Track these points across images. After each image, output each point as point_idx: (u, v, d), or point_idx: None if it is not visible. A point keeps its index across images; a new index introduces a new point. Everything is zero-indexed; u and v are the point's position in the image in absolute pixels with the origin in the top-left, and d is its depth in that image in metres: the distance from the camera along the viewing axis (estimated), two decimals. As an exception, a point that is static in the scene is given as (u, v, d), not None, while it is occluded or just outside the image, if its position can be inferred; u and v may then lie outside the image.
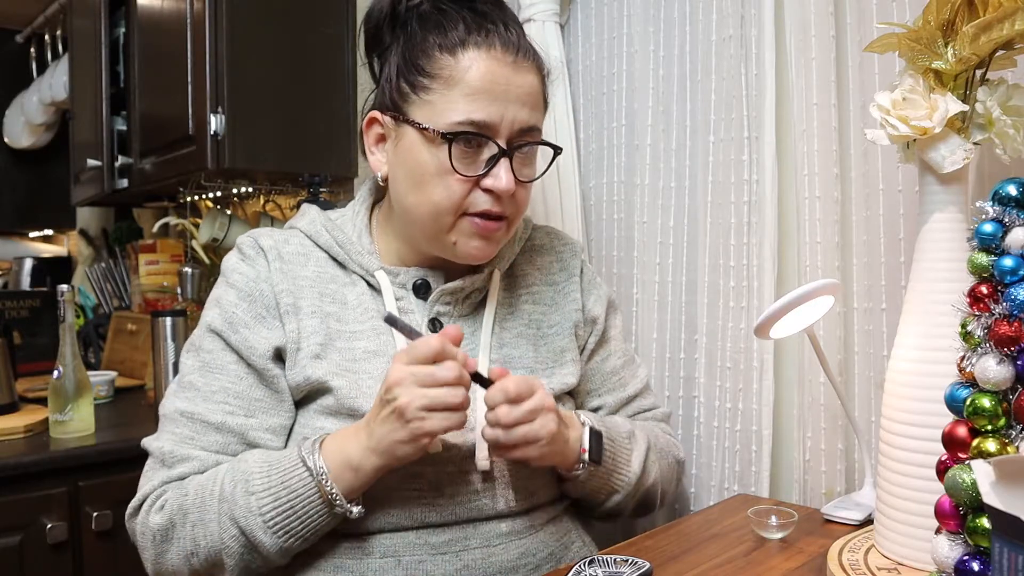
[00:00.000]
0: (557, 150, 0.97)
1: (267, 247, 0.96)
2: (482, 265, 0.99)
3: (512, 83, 0.89)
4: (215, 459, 0.89)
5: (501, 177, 0.88)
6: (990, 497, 0.56)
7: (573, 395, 1.07)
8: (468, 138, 0.87)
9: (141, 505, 0.91)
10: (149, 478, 0.91)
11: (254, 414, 0.91)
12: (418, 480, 0.89)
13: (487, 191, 0.89)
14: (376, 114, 0.96)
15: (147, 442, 0.93)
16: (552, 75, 0.98)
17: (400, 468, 0.87)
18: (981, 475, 0.58)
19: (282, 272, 0.95)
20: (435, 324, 0.96)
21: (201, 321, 0.96)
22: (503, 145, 0.89)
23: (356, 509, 0.85)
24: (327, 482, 0.83)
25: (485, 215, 0.90)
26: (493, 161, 0.89)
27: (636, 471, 0.99)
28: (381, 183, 0.97)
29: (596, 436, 0.95)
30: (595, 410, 1.09)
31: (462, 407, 0.82)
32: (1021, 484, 0.57)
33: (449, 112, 0.88)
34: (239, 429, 0.90)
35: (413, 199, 0.91)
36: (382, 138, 0.96)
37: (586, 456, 0.93)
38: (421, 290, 0.97)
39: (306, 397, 0.93)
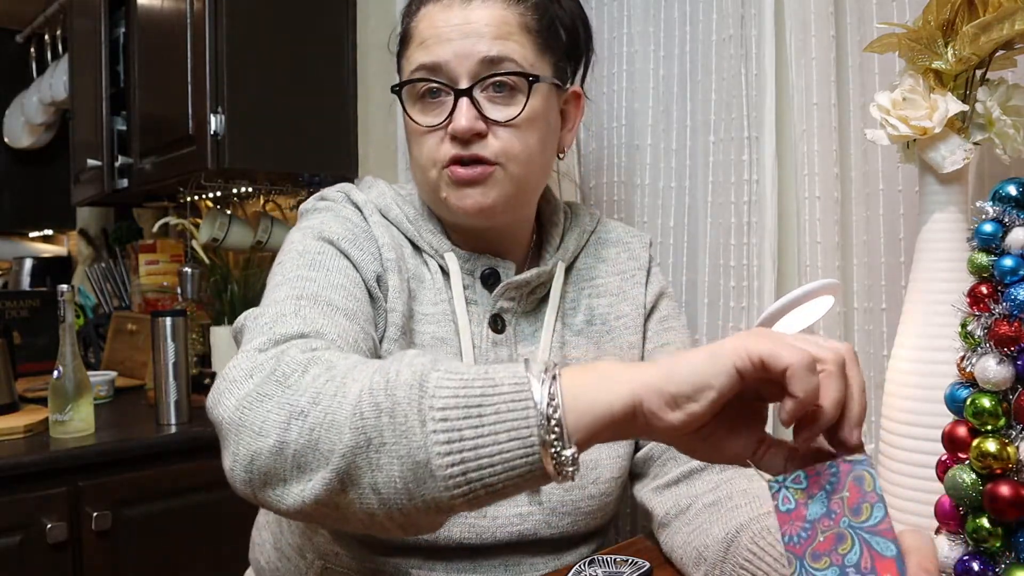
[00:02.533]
0: (532, 79, 0.85)
1: (360, 202, 0.90)
2: (547, 256, 0.95)
3: (460, 20, 0.84)
4: (353, 341, 0.72)
5: (458, 119, 0.83)
6: None
7: None
8: (415, 84, 0.85)
9: (273, 346, 0.66)
10: (280, 323, 0.69)
11: (373, 326, 0.81)
12: None
13: (454, 138, 0.84)
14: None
15: (250, 312, 0.75)
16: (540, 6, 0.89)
17: None
18: None
19: (381, 225, 0.88)
20: (496, 320, 0.90)
21: (291, 240, 0.85)
22: (458, 85, 0.83)
23: (570, 453, 0.51)
24: (550, 391, 0.52)
25: (456, 161, 0.84)
26: (452, 105, 0.84)
27: None
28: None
29: None
30: None
31: None
32: None
33: (407, 68, 0.87)
34: (367, 328, 0.77)
35: (412, 165, 0.90)
36: None
37: None
38: (488, 280, 0.91)
39: None
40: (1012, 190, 0.64)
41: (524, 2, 0.88)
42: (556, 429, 0.51)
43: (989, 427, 0.61)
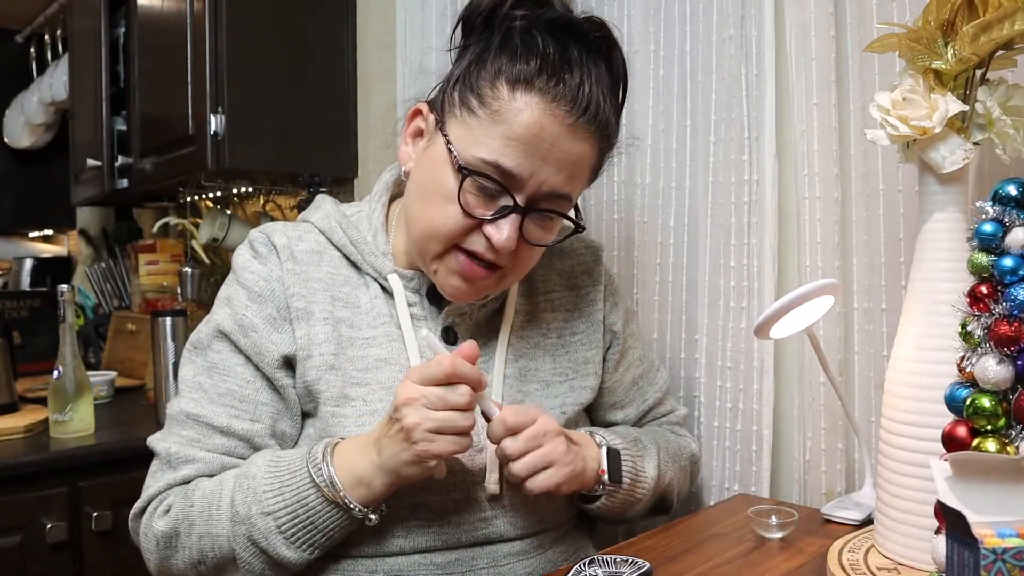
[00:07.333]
0: (578, 228, 0.91)
1: (280, 245, 0.92)
2: None
3: (558, 145, 0.81)
4: (220, 461, 0.87)
5: (503, 231, 0.82)
6: (945, 495, 0.56)
7: (591, 409, 1.05)
8: (483, 181, 0.82)
9: (146, 507, 0.89)
10: (155, 479, 0.89)
11: (260, 419, 0.89)
12: (423, 510, 0.88)
13: (487, 237, 0.84)
14: (423, 107, 0.90)
15: (152, 441, 0.91)
16: (617, 148, 0.92)
17: (404, 499, 0.86)
18: (937, 472, 0.58)
19: (294, 273, 0.90)
20: (448, 333, 0.93)
21: (210, 318, 0.92)
22: (520, 202, 0.83)
23: (374, 517, 0.83)
24: (342, 494, 0.81)
25: (475, 256, 0.85)
26: (504, 211, 0.83)
27: (653, 475, 0.98)
28: (404, 177, 0.92)
29: (614, 455, 0.93)
30: (616, 423, 1.08)
31: (469, 430, 0.80)
32: (978, 482, 0.57)
33: (481, 146, 0.81)
34: (244, 434, 0.88)
35: (417, 210, 0.87)
36: (420, 133, 0.90)
37: (605, 477, 0.92)
38: (435, 295, 0.93)
39: (313, 409, 0.90)
40: (1012, 190, 0.64)
41: (607, 140, 0.88)
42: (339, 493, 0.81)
43: (989, 427, 0.61)
